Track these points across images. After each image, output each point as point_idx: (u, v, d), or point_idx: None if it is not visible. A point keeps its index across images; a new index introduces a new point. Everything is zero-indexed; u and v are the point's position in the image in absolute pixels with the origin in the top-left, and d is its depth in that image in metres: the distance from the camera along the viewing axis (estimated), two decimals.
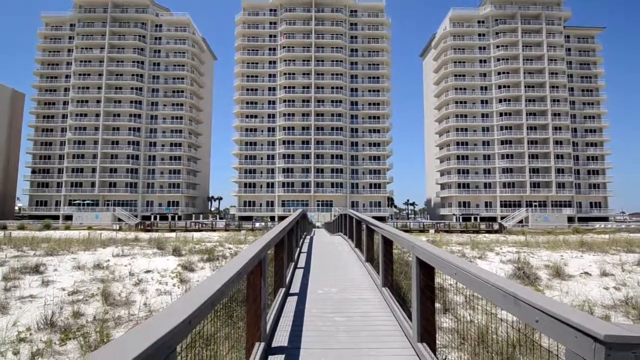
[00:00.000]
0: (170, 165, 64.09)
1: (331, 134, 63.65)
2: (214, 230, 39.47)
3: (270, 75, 66.20)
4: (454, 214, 61.11)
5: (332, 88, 65.02)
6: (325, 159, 63.35)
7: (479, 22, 65.99)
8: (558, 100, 62.72)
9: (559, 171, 61.52)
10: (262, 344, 2.98)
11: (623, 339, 0.98)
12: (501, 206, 61.08)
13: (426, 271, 3.05)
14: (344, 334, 3.62)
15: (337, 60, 65.47)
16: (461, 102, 64.73)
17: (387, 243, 4.94)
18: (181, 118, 65.40)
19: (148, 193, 63.33)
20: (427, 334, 3.03)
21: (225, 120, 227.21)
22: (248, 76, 66.39)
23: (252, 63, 66.59)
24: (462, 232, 40.82)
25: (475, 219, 58.05)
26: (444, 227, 47.76)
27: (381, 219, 57.17)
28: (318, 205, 61.85)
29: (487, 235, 32.47)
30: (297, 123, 63.93)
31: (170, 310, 1.37)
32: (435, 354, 2.93)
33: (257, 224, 48.13)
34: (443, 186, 66.53)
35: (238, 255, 2.77)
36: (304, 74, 65.36)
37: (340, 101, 64.86)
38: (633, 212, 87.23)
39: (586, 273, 9.27)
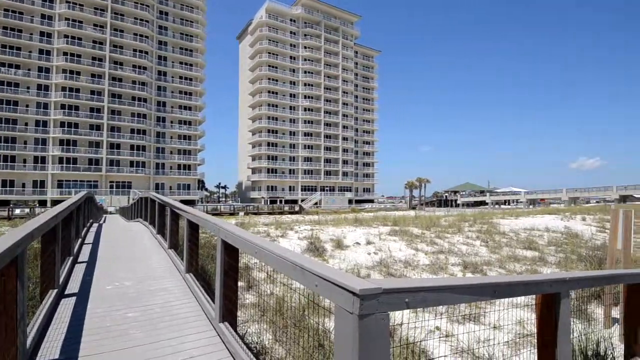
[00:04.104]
0: None
1: (132, 104, 54.93)
2: None
3: (44, 16, 50.45)
4: (262, 197, 65.09)
5: (135, 51, 55.86)
6: (124, 132, 54.34)
7: (291, 20, 71.34)
8: (346, 104, 76.25)
9: (345, 162, 75.53)
10: None
11: (370, 291, 1.30)
12: (302, 190, 69.50)
13: (231, 253, 3.12)
14: (139, 329, 3.27)
15: (141, 19, 56.53)
16: (273, 92, 68.83)
17: (193, 227, 4.77)
18: None
19: None
20: (229, 313, 3.13)
21: None
22: (5, 10, 48.42)
23: None
24: (269, 213, 44.13)
25: (281, 201, 63.96)
26: (253, 210, 50.32)
27: (191, 202, 54.47)
28: (112, 187, 52.73)
29: (289, 216, 36.29)
30: (84, 85, 51.73)
31: None
32: (236, 331, 3.06)
33: (18, 210, 36.59)
34: (254, 170, 69.54)
35: None
36: (96, 25, 53.24)
37: (145, 68, 56.72)
38: (389, 196, 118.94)
39: (357, 243, 11.81)
